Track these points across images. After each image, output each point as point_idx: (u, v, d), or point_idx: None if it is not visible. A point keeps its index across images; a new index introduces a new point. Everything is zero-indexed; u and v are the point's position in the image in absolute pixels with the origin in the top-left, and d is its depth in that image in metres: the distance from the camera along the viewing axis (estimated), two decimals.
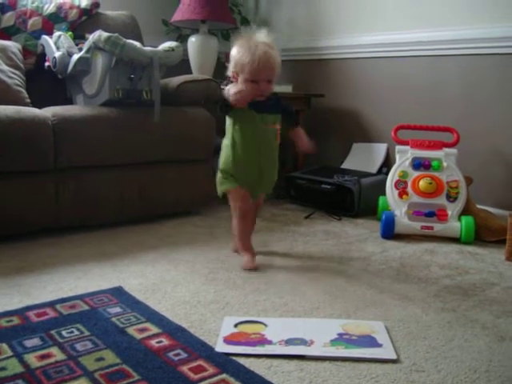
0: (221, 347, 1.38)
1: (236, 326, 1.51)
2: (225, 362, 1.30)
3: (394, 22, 3.12)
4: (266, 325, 1.52)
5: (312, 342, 1.42)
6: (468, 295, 1.83)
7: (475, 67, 2.79)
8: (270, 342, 1.41)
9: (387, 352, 1.39)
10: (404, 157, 2.65)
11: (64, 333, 1.43)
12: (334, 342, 1.43)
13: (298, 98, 3.40)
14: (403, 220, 2.51)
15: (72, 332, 1.44)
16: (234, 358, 1.33)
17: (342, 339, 1.45)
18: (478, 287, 1.91)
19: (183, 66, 3.22)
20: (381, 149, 3.25)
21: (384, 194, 2.65)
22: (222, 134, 2.08)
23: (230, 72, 2.01)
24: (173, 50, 2.60)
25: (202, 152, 2.77)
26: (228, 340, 1.42)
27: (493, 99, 2.74)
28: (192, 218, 2.77)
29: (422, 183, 2.55)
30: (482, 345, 1.46)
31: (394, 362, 1.35)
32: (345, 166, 3.32)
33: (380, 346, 1.42)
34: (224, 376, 1.24)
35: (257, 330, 1.49)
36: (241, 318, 1.56)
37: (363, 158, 3.29)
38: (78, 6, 2.99)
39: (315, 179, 3.02)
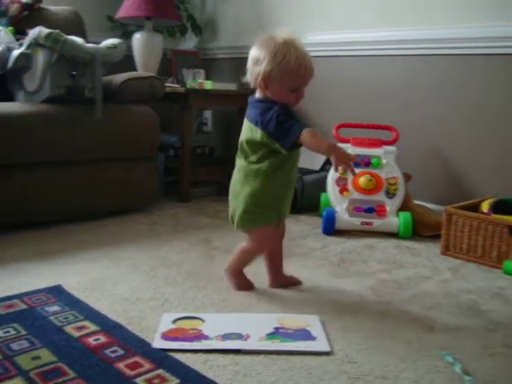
0: (158, 343, 1.39)
1: (174, 322, 1.53)
2: (161, 358, 1.32)
3: (336, 21, 3.17)
4: (203, 320, 1.55)
5: (248, 337, 1.45)
6: (403, 288, 1.90)
7: (412, 67, 2.86)
8: (206, 337, 1.44)
9: (321, 345, 1.43)
10: None
11: (0, 333, 1.42)
12: (269, 336, 1.46)
13: (242, 96, 3.40)
14: (344, 216, 2.57)
15: (8, 332, 1.43)
16: (171, 353, 1.35)
17: (278, 333, 1.48)
18: (413, 281, 1.98)
19: (128, 62, 3.20)
20: None
21: (326, 190, 2.71)
22: (166, 130, 2.02)
23: (254, 78, 1.64)
24: (115, 47, 2.59)
25: (145, 149, 2.77)
26: (165, 336, 1.44)
27: (428, 97, 2.81)
28: (135, 215, 2.76)
29: (362, 180, 2.61)
30: (412, 335, 1.52)
31: (327, 354, 1.39)
32: None
33: (314, 338, 1.46)
34: (160, 371, 1.26)
35: (194, 325, 1.51)
36: (179, 314, 1.58)
37: (306, 156, 3.32)
38: (20, 1, 2.93)
39: None
